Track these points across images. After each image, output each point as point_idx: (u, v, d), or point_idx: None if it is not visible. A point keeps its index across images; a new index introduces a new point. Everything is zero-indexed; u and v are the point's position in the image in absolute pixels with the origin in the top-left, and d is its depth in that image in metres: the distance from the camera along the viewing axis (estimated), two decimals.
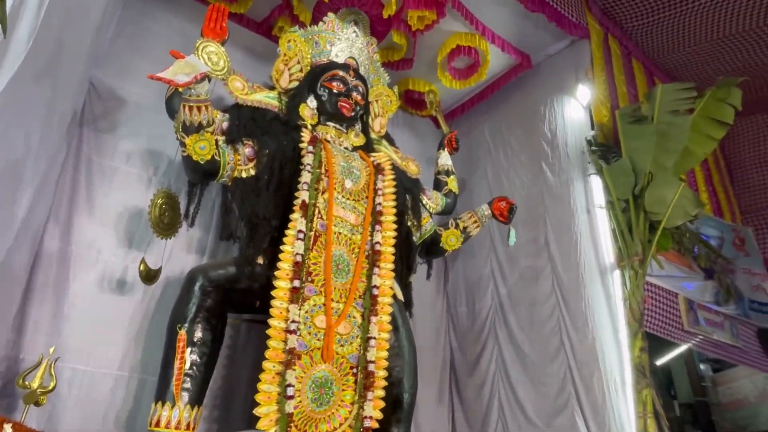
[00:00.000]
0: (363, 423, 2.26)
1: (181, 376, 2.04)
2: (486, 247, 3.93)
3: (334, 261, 2.49)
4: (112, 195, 2.66)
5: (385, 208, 2.75)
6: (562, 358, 3.16)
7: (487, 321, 3.68)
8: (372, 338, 2.43)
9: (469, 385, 3.59)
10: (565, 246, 3.42)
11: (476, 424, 3.42)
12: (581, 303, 3.15)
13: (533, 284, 3.52)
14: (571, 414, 2.99)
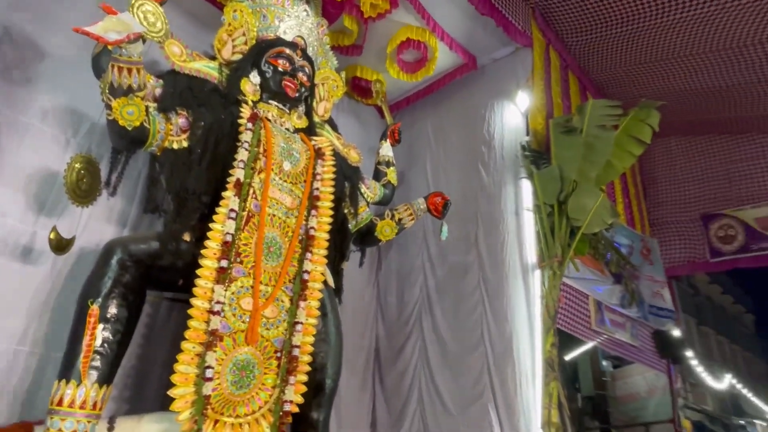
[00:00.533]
0: (283, 407, 2.25)
1: (90, 353, 1.92)
2: (419, 240, 4.01)
3: (266, 243, 2.43)
4: (23, 154, 2.43)
5: (323, 193, 2.73)
6: (481, 350, 3.32)
7: (413, 311, 3.78)
8: (299, 323, 2.41)
9: (391, 373, 3.67)
10: (493, 244, 3.57)
11: (395, 411, 3.52)
12: (503, 299, 3.32)
13: (461, 279, 3.65)
14: (484, 404, 3.15)
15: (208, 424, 2.03)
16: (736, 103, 5.44)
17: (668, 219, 6.68)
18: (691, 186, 6.64)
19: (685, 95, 5.33)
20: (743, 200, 6.22)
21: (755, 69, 4.61)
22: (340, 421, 3.35)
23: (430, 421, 3.32)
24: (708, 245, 6.37)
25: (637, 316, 5.31)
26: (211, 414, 2.04)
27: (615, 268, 4.73)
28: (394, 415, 3.49)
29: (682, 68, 4.88)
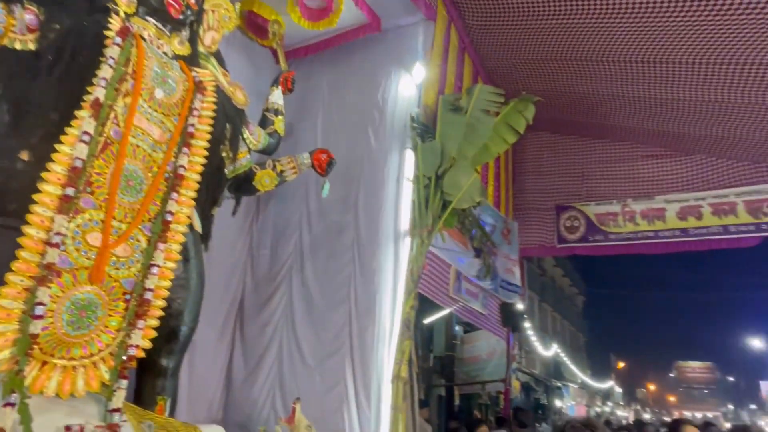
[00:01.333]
0: (127, 351, 2.10)
1: None
2: (299, 196, 3.96)
3: (124, 175, 2.20)
4: None
5: (199, 131, 2.53)
6: (346, 307, 3.44)
7: (285, 266, 3.76)
8: (155, 266, 2.25)
9: (253, 325, 3.64)
10: (371, 208, 3.66)
11: (252, 361, 3.51)
12: (373, 261, 3.45)
13: (335, 238, 3.70)
14: (342, 357, 3.29)
15: (33, 365, 1.82)
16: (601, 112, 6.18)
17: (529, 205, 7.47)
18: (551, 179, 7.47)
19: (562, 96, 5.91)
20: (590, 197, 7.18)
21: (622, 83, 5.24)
22: (192, 370, 3.25)
23: (287, 373, 3.39)
24: (557, 232, 7.28)
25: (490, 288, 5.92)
26: (37, 354, 1.84)
27: (477, 244, 5.18)
28: (251, 367, 3.49)
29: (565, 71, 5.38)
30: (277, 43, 3.83)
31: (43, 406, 1.79)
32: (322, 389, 3.18)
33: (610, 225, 6.91)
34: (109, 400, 2.02)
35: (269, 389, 3.36)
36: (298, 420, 2.73)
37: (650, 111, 5.67)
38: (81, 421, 1.86)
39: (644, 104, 5.53)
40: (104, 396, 2.04)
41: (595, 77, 5.25)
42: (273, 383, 3.38)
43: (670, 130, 6.04)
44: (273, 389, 3.37)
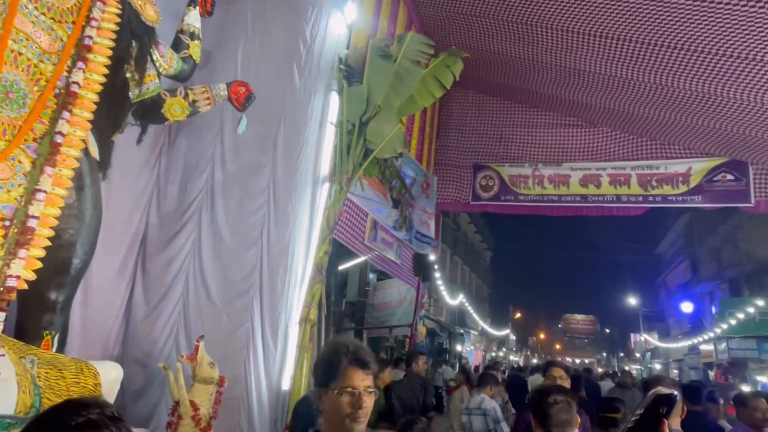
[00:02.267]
0: (6, 282, 1.93)
1: None
2: (214, 130, 3.73)
3: (3, 86, 1.94)
4: None
5: (98, 45, 2.26)
6: (257, 249, 3.38)
7: (194, 203, 3.57)
8: (41, 191, 2.04)
9: (157, 261, 3.47)
10: (291, 150, 3.55)
11: (154, 298, 3.38)
12: (288, 204, 3.39)
13: (251, 177, 3.57)
14: (250, 298, 3.27)
15: None
16: (525, 76, 6.38)
17: (449, 162, 7.68)
18: (472, 138, 7.70)
19: (491, 56, 5.99)
20: (505, 158, 7.52)
21: (548, 50, 5.40)
22: (87, 304, 3.06)
23: (192, 311, 3.30)
24: (472, 190, 7.60)
25: (405, 238, 6.12)
26: None
27: (396, 195, 5.27)
28: (153, 304, 3.35)
29: (497, 31, 5.42)
30: None
31: None
32: (228, 329, 3.15)
33: (521, 186, 7.34)
34: None
35: (172, 327, 3.27)
36: (200, 357, 2.70)
37: (568, 80, 5.96)
38: None
39: (564, 73, 5.79)
40: None
41: (525, 41, 5.36)
42: (177, 321, 3.29)
43: (583, 101, 6.42)
44: (176, 327, 3.28)
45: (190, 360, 2.70)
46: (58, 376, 2.17)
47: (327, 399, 1.35)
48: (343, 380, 1.34)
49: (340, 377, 1.35)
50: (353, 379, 1.35)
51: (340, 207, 3.53)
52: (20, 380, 1.91)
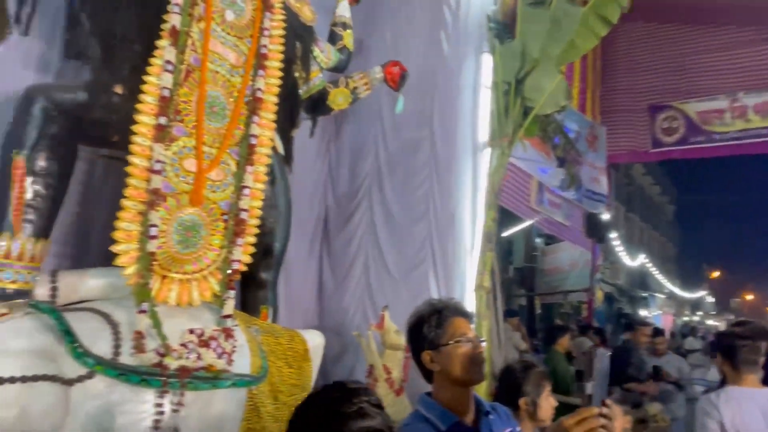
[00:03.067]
0: (231, 265, 2.30)
1: (21, 206, 1.83)
2: (373, 114, 3.91)
3: (208, 102, 2.27)
4: None
5: (271, 51, 2.52)
6: (426, 222, 3.48)
7: (364, 184, 3.82)
8: (246, 187, 2.38)
9: (338, 241, 3.82)
10: (447, 121, 3.54)
11: (340, 274, 3.73)
12: (451, 175, 3.40)
13: (412, 154, 3.66)
14: (425, 270, 3.40)
15: (155, 279, 2.06)
16: None
17: (619, 107, 6.82)
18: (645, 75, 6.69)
19: None
20: (690, 93, 6.39)
21: None
22: (288, 282, 3.53)
23: (374, 284, 3.57)
24: (651, 136, 6.66)
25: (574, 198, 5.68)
26: (158, 269, 2.06)
27: (560, 153, 4.90)
28: (339, 279, 3.72)
29: None
30: None
31: (168, 313, 2.05)
32: (408, 299, 3.33)
33: (715, 124, 6.17)
34: (221, 308, 2.26)
35: (359, 299, 3.60)
36: (387, 326, 2.91)
37: None
38: (201, 326, 2.12)
39: None
40: (216, 305, 2.29)
41: None
42: (362, 293, 3.60)
43: None
44: (362, 299, 3.60)
45: (378, 328, 2.92)
46: (276, 343, 2.55)
47: (440, 358, 1.32)
48: (454, 333, 1.31)
49: (450, 331, 1.32)
50: (464, 328, 1.33)
51: (503, 172, 3.42)
52: (251, 345, 2.29)
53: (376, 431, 0.75)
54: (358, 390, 0.80)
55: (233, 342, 2.16)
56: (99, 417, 1.70)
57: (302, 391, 2.49)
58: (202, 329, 2.10)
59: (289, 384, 2.47)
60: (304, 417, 0.81)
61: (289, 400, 2.35)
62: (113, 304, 2.01)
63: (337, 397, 0.78)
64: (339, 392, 0.80)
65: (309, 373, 2.63)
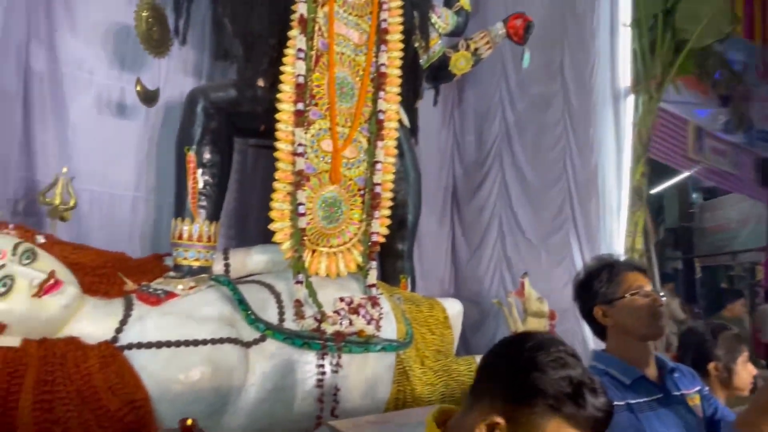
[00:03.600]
0: (371, 238, 2.42)
1: (196, 194, 2.12)
2: (497, 73, 3.73)
3: (337, 83, 2.38)
4: (93, 11, 2.43)
5: (391, 25, 2.54)
6: (563, 183, 3.26)
7: (492, 149, 3.70)
8: (378, 162, 2.46)
9: (470, 208, 3.78)
10: (581, 70, 3.24)
11: (474, 242, 3.69)
12: (589, 129, 3.12)
13: (542, 111, 3.44)
14: (566, 233, 3.20)
15: (306, 253, 2.26)
16: None
17: None
18: None
19: None
20: None
21: None
22: (421, 251, 3.60)
23: (511, 251, 3.48)
24: None
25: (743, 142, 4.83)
26: (308, 244, 2.26)
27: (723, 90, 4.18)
28: (473, 247, 3.68)
29: None
30: None
31: (320, 284, 2.24)
32: (548, 265, 3.19)
33: None
34: (365, 278, 2.40)
35: (495, 266, 3.54)
36: (528, 293, 2.82)
37: None
38: (350, 294, 2.28)
39: None
40: (361, 275, 2.43)
41: None
42: (498, 261, 3.54)
43: None
44: (498, 266, 3.53)
45: (519, 295, 2.85)
46: (418, 310, 2.64)
47: (614, 312, 1.27)
48: (629, 286, 1.27)
49: (625, 285, 1.27)
50: (640, 281, 1.28)
51: (652, 119, 3.04)
52: (395, 313, 2.40)
53: (579, 382, 0.70)
54: (552, 339, 0.76)
55: (379, 309, 2.28)
56: (273, 375, 1.93)
57: (445, 357, 2.55)
58: (351, 297, 2.25)
59: (432, 350, 2.54)
60: (496, 367, 0.77)
61: (435, 365, 2.42)
62: (275, 277, 2.26)
63: (531, 346, 0.73)
64: (532, 341, 0.74)
65: (451, 339, 2.68)
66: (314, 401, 1.97)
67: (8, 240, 1.60)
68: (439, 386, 2.32)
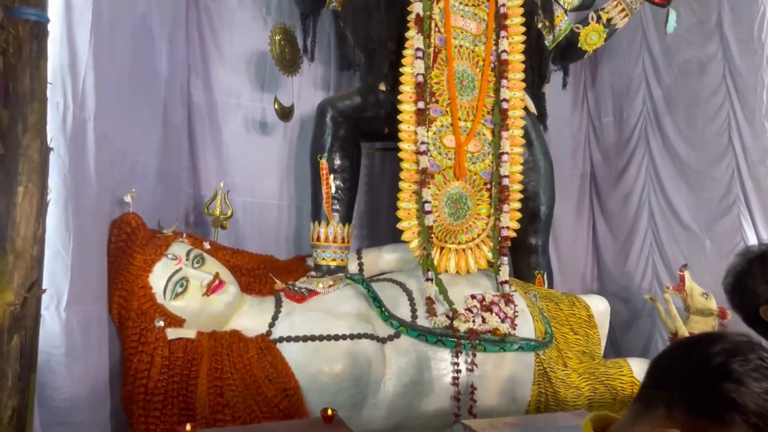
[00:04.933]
0: (500, 233, 2.34)
1: (330, 199, 2.26)
2: (637, 43, 3.32)
3: (457, 77, 2.35)
4: (236, 41, 2.75)
5: (510, 8, 2.43)
6: (729, 159, 2.78)
7: (636, 130, 3.31)
8: (504, 153, 2.38)
9: (613, 196, 3.43)
10: (745, 24, 2.73)
11: (621, 234, 3.34)
12: (762, 90, 2.61)
13: (696, 79, 2.97)
14: (735, 217, 2.73)
15: (435, 250, 2.26)
16: None
17: None
18: None
19: None
20: None
21: None
22: (557, 245, 3.37)
23: (666, 241, 3.06)
24: None
25: None
26: (436, 242, 2.26)
27: None
28: (621, 240, 3.33)
29: None
30: None
31: (450, 281, 2.22)
32: (714, 255, 2.73)
33: None
34: (497, 274, 2.33)
35: (646, 259, 3.15)
36: (689, 288, 2.46)
37: None
38: (481, 292, 2.22)
39: None
40: (492, 272, 2.36)
41: None
42: (650, 253, 3.14)
43: None
44: (651, 259, 3.13)
45: (678, 291, 2.50)
46: (557, 308, 2.47)
47: None
48: None
49: None
50: None
51: None
52: (531, 311, 2.28)
53: None
54: (749, 343, 0.61)
55: (514, 307, 2.20)
56: (409, 370, 1.97)
57: (591, 358, 2.35)
58: (482, 295, 2.20)
59: (576, 351, 2.36)
60: (675, 372, 0.65)
61: (579, 367, 2.25)
62: (406, 275, 2.31)
63: (723, 350, 0.60)
64: (723, 344, 0.61)
65: (597, 340, 2.46)
66: (450, 398, 1.96)
67: (183, 247, 1.88)
68: (585, 390, 2.15)
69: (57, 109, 1.20)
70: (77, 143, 1.34)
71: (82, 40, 1.29)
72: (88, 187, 1.45)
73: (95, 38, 1.34)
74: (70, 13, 1.24)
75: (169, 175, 2.30)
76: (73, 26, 1.25)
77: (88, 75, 1.33)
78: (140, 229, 1.77)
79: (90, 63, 1.33)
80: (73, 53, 1.27)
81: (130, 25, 1.76)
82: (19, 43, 1.03)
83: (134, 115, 1.87)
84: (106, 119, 1.51)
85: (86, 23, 1.31)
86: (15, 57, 1.03)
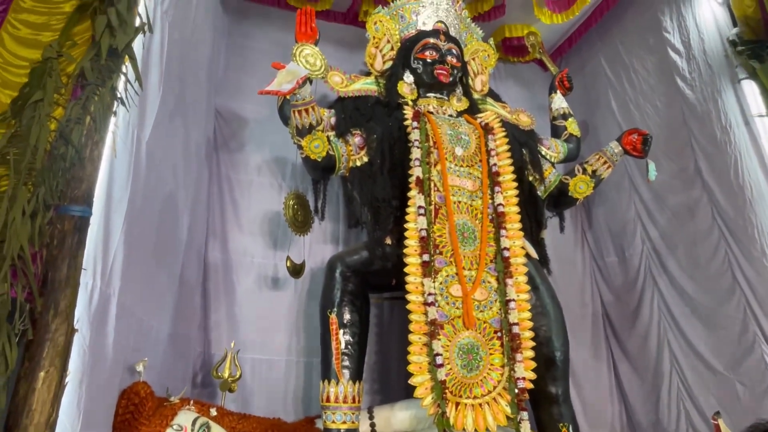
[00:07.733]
0: (517, 384, 2.25)
1: (339, 355, 2.24)
2: (626, 189, 3.57)
3: (458, 230, 2.49)
4: (253, 206, 2.99)
5: (502, 167, 2.67)
6: (738, 296, 2.78)
7: (640, 268, 3.37)
8: (511, 300, 2.40)
9: (631, 337, 3.35)
10: (722, 170, 2.96)
11: (647, 375, 3.19)
12: (753, 230, 2.72)
13: (689, 221, 3.12)
14: (760, 357, 2.63)
15: (450, 407, 2.16)
16: None
17: None
18: None
19: None
20: None
21: None
22: (579, 391, 3.20)
23: (694, 386, 2.90)
24: None
25: None
26: (450, 397, 2.17)
27: None
28: (647, 380, 3.17)
29: None
30: (539, 52, 3.76)
31: None
32: (748, 400, 2.56)
33: None
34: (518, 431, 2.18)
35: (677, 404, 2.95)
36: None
37: None
38: None
39: None
40: (512, 428, 2.21)
41: None
42: (679, 397, 2.96)
43: None
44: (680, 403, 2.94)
45: None
46: None
47: None
48: None
49: None
50: None
51: None
52: None
53: None
54: None
55: None
56: None
57: None
58: None
59: None
60: None
61: None
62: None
63: None
64: None
65: None
66: None
67: (189, 416, 1.82)
68: None
69: (85, 290, 1.26)
70: (100, 319, 1.39)
71: (116, 226, 1.43)
72: (104, 361, 1.46)
73: (127, 222, 1.49)
74: (110, 203, 1.39)
75: (181, 336, 2.32)
76: (111, 215, 1.39)
77: (117, 255, 1.44)
78: (148, 399, 1.74)
79: (120, 244, 1.45)
80: (107, 237, 1.39)
81: (159, 203, 1.95)
82: (62, 235, 1.14)
83: (154, 283, 1.96)
84: (129, 292, 1.59)
85: (122, 210, 1.46)
86: (57, 249, 1.12)
